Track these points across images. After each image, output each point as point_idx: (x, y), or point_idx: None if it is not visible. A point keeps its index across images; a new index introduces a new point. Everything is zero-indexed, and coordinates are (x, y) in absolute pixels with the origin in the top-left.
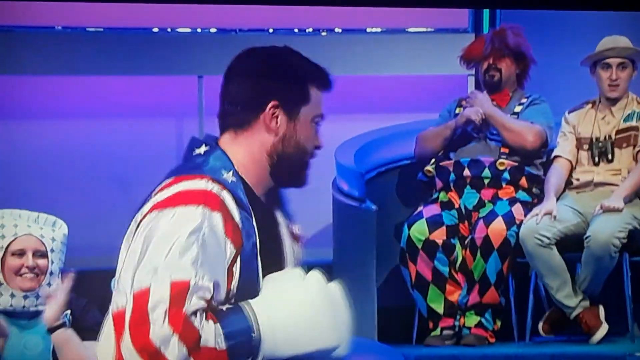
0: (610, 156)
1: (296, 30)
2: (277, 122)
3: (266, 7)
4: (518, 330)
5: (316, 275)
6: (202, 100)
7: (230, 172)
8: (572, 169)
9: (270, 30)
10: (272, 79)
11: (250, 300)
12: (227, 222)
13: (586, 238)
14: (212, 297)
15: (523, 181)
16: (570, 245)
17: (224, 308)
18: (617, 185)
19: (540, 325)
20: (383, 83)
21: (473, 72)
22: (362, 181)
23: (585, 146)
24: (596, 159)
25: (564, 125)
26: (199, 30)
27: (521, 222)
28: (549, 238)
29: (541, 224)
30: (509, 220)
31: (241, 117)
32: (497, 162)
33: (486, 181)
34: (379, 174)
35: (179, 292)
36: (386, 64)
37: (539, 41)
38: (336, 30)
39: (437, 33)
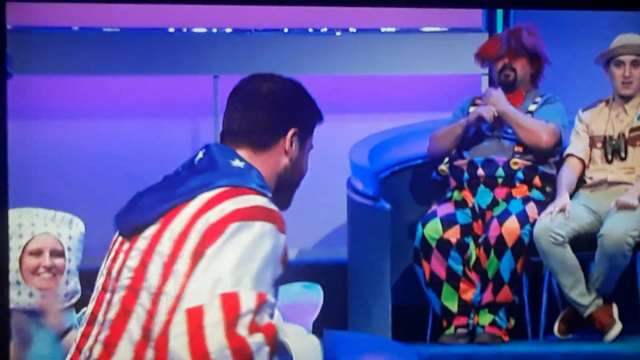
0: (623, 154)
1: (311, 30)
2: (293, 148)
3: (281, 8)
4: (532, 328)
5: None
6: (217, 100)
7: (270, 195)
8: (585, 167)
9: (285, 30)
10: (296, 107)
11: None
12: (284, 246)
13: (600, 236)
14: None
15: (537, 180)
16: (584, 243)
17: None
18: (630, 184)
19: (556, 326)
20: (397, 83)
21: (486, 71)
22: (377, 180)
23: (599, 144)
24: (609, 157)
25: (577, 124)
26: (214, 30)
27: (535, 220)
28: (562, 236)
29: (555, 223)
30: (523, 219)
31: (264, 139)
32: (511, 162)
33: (500, 180)
34: (393, 173)
35: (261, 304)
36: (400, 64)
37: (552, 40)
38: (350, 30)
39: (451, 32)
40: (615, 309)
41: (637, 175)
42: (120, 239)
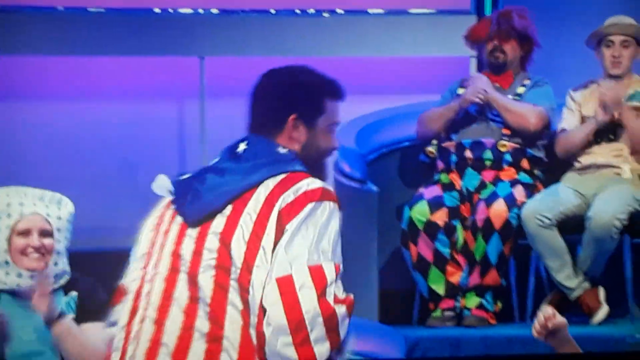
0: (612, 136)
1: (298, 11)
2: (298, 133)
3: None
4: (519, 311)
5: None
6: (204, 81)
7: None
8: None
9: (273, 12)
10: (291, 95)
11: None
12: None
13: (587, 219)
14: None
15: (525, 163)
16: (572, 226)
17: None
18: (619, 167)
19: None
20: (385, 65)
21: (475, 53)
22: (364, 163)
23: None
24: (599, 139)
25: (569, 102)
26: (200, 11)
27: (522, 203)
28: (550, 219)
29: (543, 205)
30: (511, 202)
31: (270, 128)
32: (499, 144)
33: (488, 163)
34: (380, 156)
35: (338, 274)
36: (388, 46)
37: (542, 23)
38: (338, 11)
39: (439, 15)
40: (602, 292)
41: (625, 157)
42: (178, 229)
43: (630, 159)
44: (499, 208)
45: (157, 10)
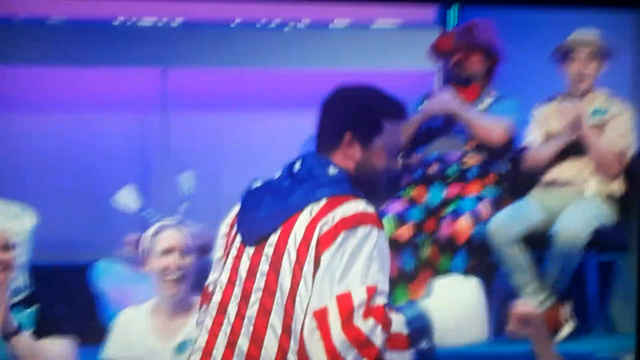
0: (577, 152)
1: (258, 25)
2: (352, 151)
3: (231, 1)
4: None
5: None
6: (167, 93)
7: (361, 194)
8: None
9: (234, 24)
10: (349, 113)
11: None
12: (385, 238)
13: (553, 235)
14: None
15: (490, 177)
16: (537, 242)
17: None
18: (584, 183)
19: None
20: (350, 78)
21: (439, 67)
22: None
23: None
24: (565, 155)
25: (534, 117)
26: (162, 22)
27: (488, 218)
28: (516, 234)
29: (508, 221)
30: (476, 217)
31: (328, 144)
32: (464, 158)
33: (452, 177)
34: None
35: (372, 295)
36: (351, 59)
37: (507, 37)
38: (300, 24)
39: (403, 28)
40: (567, 308)
41: (589, 173)
42: (239, 243)
43: (595, 175)
44: (465, 223)
45: (119, 21)
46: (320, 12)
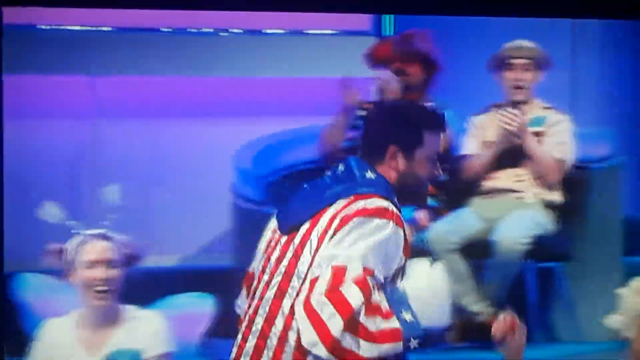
0: (515, 161)
1: (193, 30)
2: (396, 162)
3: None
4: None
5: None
6: (96, 101)
7: (395, 199)
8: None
9: (167, 30)
10: (392, 127)
11: None
12: (405, 238)
13: (491, 244)
14: (380, 287)
15: (429, 187)
16: (476, 251)
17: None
18: (522, 192)
19: (449, 334)
20: (287, 86)
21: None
22: (262, 185)
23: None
24: (502, 164)
25: (471, 127)
26: (88, 29)
27: (426, 227)
28: (454, 243)
29: (447, 230)
30: (414, 226)
31: (373, 156)
32: None
33: None
34: (284, 177)
35: (367, 275)
36: (288, 66)
37: (443, 47)
38: (235, 31)
39: (338, 35)
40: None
41: (527, 182)
42: (277, 233)
43: (534, 183)
44: None
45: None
46: (254, 20)
